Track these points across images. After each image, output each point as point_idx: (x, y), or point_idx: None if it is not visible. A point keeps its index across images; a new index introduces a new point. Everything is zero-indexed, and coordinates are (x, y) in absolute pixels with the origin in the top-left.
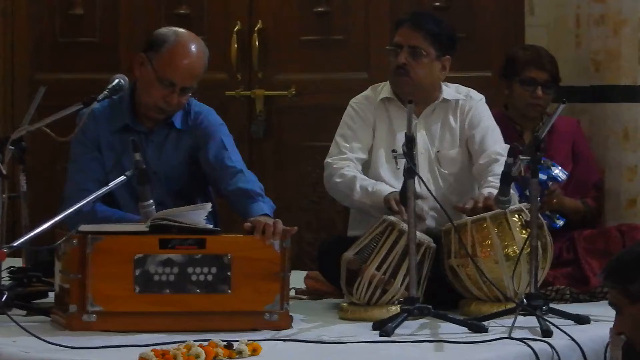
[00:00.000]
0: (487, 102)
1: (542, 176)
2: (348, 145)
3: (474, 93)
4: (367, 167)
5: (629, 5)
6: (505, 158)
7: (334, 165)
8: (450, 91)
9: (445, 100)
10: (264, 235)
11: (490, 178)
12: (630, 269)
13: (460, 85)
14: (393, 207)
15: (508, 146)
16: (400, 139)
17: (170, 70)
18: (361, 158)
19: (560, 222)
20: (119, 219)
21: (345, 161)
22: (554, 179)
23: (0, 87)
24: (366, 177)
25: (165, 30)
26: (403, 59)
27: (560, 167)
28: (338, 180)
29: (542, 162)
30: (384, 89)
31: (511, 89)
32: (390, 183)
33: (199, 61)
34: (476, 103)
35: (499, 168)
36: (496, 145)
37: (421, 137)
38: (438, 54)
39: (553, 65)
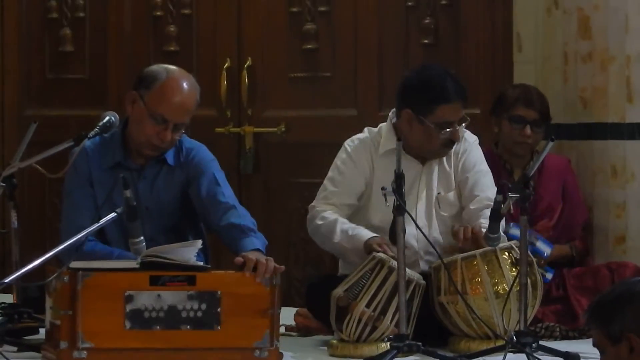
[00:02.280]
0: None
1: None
2: (335, 189)
3: (468, 135)
4: (366, 213)
5: (616, 42)
6: (494, 202)
7: (317, 208)
8: None
9: None
10: (254, 273)
11: (482, 220)
12: (610, 310)
13: None
14: (376, 250)
15: (495, 188)
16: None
17: (163, 107)
18: (348, 204)
19: (550, 275)
20: (119, 257)
21: (328, 205)
22: (538, 254)
23: None
24: (347, 221)
25: (156, 67)
26: (461, 133)
27: (545, 241)
28: (319, 222)
29: (527, 236)
30: (384, 137)
31: (500, 127)
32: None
33: (190, 97)
34: (470, 146)
35: (488, 212)
36: (488, 190)
37: (422, 183)
38: None
39: (542, 104)
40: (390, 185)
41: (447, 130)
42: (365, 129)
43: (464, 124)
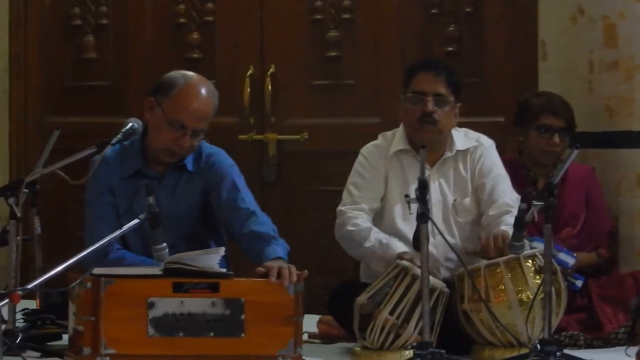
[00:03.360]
0: (499, 148)
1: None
2: (361, 194)
3: (484, 139)
4: (380, 217)
5: None
6: (515, 209)
7: (348, 214)
8: (461, 139)
9: (458, 151)
10: (279, 279)
11: (503, 227)
12: None
13: (470, 130)
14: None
15: (518, 197)
16: (414, 186)
17: (180, 113)
18: (374, 208)
19: (580, 283)
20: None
21: (359, 211)
22: (562, 265)
23: (13, 130)
24: (380, 231)
25: (174, 73)
26: (431, 107)
27: (567, 252)
28: (351, 228)
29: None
30: (396, 139)
31: (526, 136)
32: (405, 234)
33: (209, 103)
34: (486, 150)
35: (510, 219)
36: (506, 196)
37: (435, 188)
38: (455, 101)
39: (568, 112)
40: (414, 192)
41: (418, 101)
42: (380, 135)
43: (442, 106)
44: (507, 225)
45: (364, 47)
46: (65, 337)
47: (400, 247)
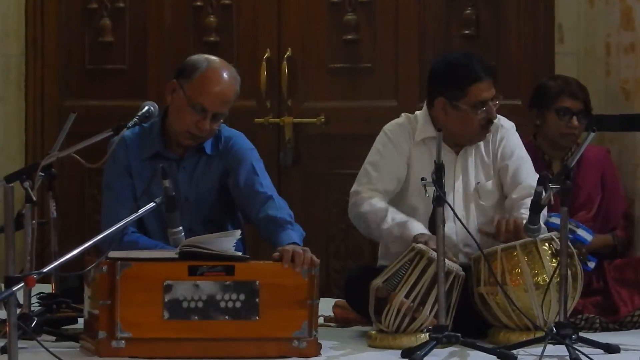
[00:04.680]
0: (518, 131)
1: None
2: (378, 174)
3: (504, 121)
4: (401, 197)
5: None
6: (534, 189)
7: (363, 194)
8: None
9: None
10: (292, 264)
11: (522, 210)
12: None
13: None
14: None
15: (535, 175)
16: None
17: (203, 96)
18: (390, 190)
19: (592, 264)
20: (163, 250)
21: (374, 192)
22: (580, 241)
23: (30, 114)
24: (397, 210)
25: (197, 57)
26: (495, 112)
27: (586, 228)
28: (367, 209)
29: (568, 226)
30: (422, 124)
31: (543, 119)
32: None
33: (230, 87)
34: (507, 132)
35: (528, 200)
36: (529, 178)
37: (458, 173)
38: None
39: (585, 94)
40: (430, 175)
41: (483, 109)
42: (403, 114)
43: (497, 102)
44: (527, 209)
45: (381, 30)
46: (81, 320)
47: (418, 228)
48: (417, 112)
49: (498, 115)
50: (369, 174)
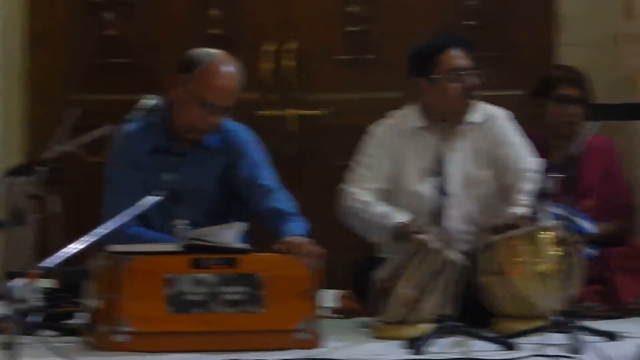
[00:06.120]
0: (523, 121)
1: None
2: (368, 173)
3: (499, 111)
4: (397, 195)
5: None
6: (533, 174)
7: (350, 190)
8: (478, 112)
9: (476, 123)
10: (298, 255)
11: (519, 196)
12: None
13: (486, 104)
14: (412, 232)
15: (536, 161)
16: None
17: (206, 91)
18: (378, 187)
19: (592, 252)
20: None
21: (359, 189)
22: (582, 232)
23: (35, 108)
24: (383, 203)
25: (199, 51)
26: (474, 81)
27: (587, 218)
28: (354, 203)
29: (570, 215)
30: (412, 116)
31: (545, 108)
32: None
33: (234, 81)
34: (501, 121)
35: (527, 185)
36: (523, 161)
37: (454, 160)
38: None
39: (586, 82)
40: (429, 166)
41: (459, 77)
42: (390, 113)
43: (480, 79)
44: (525, 193)
45: (387, 21)
46: (79, 315)
47: (401, 216)
48: (404, 107)
49: (493, 107)
50: (358, 173)
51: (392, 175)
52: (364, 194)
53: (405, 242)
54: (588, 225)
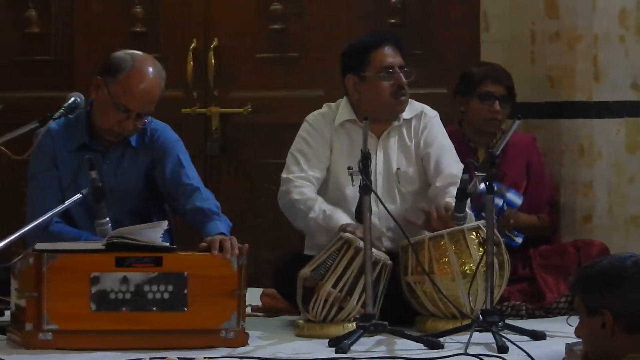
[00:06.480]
0: (444, 119)
1: (498, 201)
2: (308, 162)
3: (428, 110)
4: (325, 186)
5: (584, 21)
6: (459, 177)
7: (295, 183)
8: (406, 109)
9: (404, 120)
10: (221, 252)
11: (447, 199)
12: (593, 283)
13: (413, 101)
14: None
15: (460, 163)
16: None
17: (126, 97)
18: (319, 177)
19: (519, 240)
20: (86, 240)
21: (305, 180)
22: (509, 204)
23: None
24: (325, 202)
25: (122, 54)
26: (404, 79)
27: (515, 192)
28: (297, 197)
29: (497, 188)
30: (341, 109)
31: (467, 106)
32: (352, 204)
33: (155, 87)
34: (431, 120)
35: (455, 190)
36: (452, 167)
37: (380, 157)
38: None
39: (509, 80)
40: (357, 164)
41: (389, 76)
42: (324, 105)
43: (409, 77)
44: (452, 197)
45: (309, 19)
46: (8, 313)
47: (343, 218)
48: (339, 100)
49: (422, 104)
50: (299, 162)
51: (327, 163)
52: (310, 190)
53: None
54: (515, 198)
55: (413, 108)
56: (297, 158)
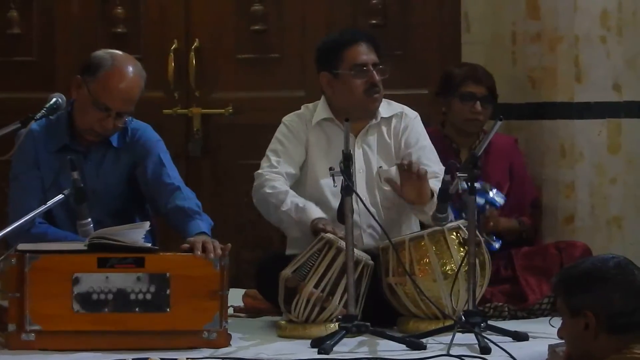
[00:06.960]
0: (425, 120)
1: (480, 200)
2: (279, 159)
3: (408, 110)
4: (302, 185)
5: (565, 22)
6: (441, 177)
7: (266, 177)
8: (385, 107)
9: (382, 118)
10: (204, 253)
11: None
12: (576, 284)
13: (393, 102)
14: (322, 230)
15: (441, 165)
16: (339, 157)
17: (106, 96)
18: (292, 173)
19: (497, 245)
20: (72, 241)
21: (276, 174)
22: (491, 203)
23: None
24: (297, 195)
25: (102, 53)
26: (378, 77)
27: (498, 191)
28: (269, 191)
29: (481, 185)
30: (319, 109)
31: (449, 106)
32: (331, 202)
33: (135, 86)
34: (412, 121)
35: (436, 183)
36: (433, 165)
37: (359, 155)
38: None
39: (490, 80)
40: (337, 164)
41: (362, 73)
42: (302, 106)
43: (384, 75)
44: (432, 187)
45: (289, 20)
46: None
47: (316, 212)
48: (317, 101)
49: (402, 105)
50: (270, 160)
51: (301, 162)
52: (281, 183)
53: (314, 238)
54: (498, 198)
55: (392, 107)
56: (268, 156)
